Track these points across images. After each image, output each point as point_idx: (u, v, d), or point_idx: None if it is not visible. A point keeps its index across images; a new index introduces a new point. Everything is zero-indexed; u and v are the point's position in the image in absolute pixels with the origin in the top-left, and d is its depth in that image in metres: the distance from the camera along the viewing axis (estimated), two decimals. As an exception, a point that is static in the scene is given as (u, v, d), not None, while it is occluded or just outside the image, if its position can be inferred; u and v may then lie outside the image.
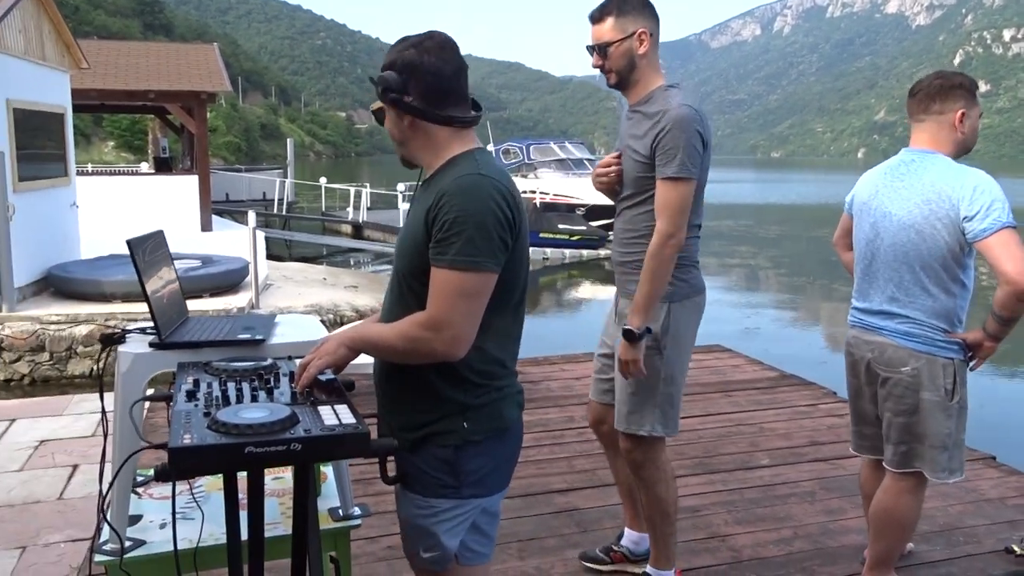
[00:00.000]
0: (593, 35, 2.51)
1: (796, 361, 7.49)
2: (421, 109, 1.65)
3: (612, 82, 2.54)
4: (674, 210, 2.41)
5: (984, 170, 2.49)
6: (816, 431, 4.55)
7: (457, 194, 1.56)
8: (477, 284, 1.56)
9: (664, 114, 2.41)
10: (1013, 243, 2.36)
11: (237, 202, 22.86)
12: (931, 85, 2.63)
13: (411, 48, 1.65)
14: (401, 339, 1.59)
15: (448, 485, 1.65)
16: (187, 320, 2.18)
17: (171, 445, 1.33)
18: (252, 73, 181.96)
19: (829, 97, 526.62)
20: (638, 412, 2.58)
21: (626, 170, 2.57)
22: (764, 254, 21.30)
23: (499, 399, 1.69)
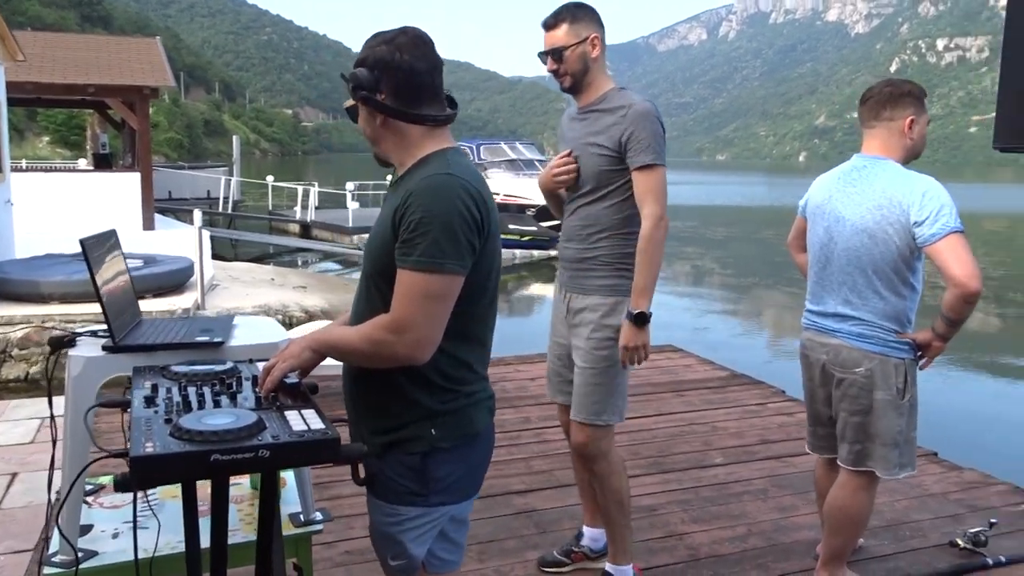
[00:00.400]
0: (547, 41, 2.59)
1: (744, 361, 7.61)
2: (392, 108, 1.62)
3: (567, 85, 2.62)
4: (658, 194, 2.52)
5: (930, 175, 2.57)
6: (767, 429, 4.63)
7: (423, 194, 1.53)
8: (441, 286, 1.53)
9: (630, 108, 2.52)
10: (960, 247, 2.43)
11: (180, 200, 22.36)
12: (882, 93, 2.69)
13: (383, 44, 1.61)
14: (364, 342, 1.56)
15: (415, 493, 1.62)
16: (140, 322, 2.11)
17: (132, 454, 1.28)
18: (195, 68, 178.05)
19: (772, 102, 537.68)
20: (602, 402, 2.64)
21: (587, 167, 2.61)
22: (711, 255, 21.64)
23: (469, 405, 1.66)
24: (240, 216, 22.52)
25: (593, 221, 2.62)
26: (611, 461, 2.72)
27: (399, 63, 1.60)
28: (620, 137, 2.52)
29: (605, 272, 2.63)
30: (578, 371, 2.67)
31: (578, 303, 2.69)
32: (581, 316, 2.67)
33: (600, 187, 2.59)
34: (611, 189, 2.58)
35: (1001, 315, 14.20)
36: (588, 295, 2.66)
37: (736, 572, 3.02)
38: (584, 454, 2.72)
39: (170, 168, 25.43)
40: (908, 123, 2.65)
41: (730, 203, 44.45)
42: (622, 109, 2.53)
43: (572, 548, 3.02)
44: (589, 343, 2.63)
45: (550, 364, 2.89)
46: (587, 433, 2.68)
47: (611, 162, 2.55)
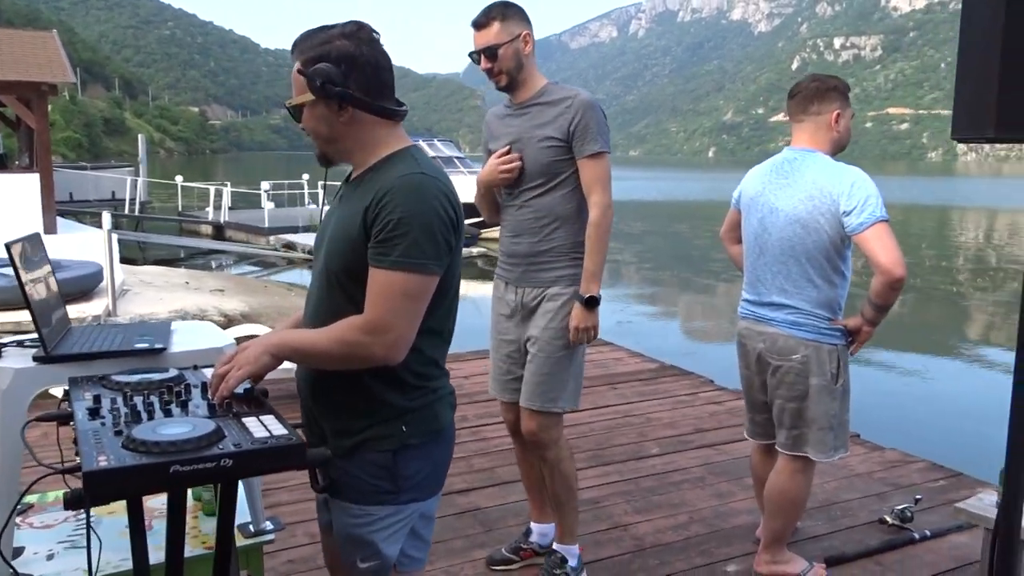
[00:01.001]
0: (479, 40, 2.60)
1: (670, 352, 7.76)
2: (368, 101, 1.57)
3: (503, 83, 2.65)
4: (605, 182, 2.61)
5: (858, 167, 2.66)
6: (699, 419, 4.73)
7: (401, 193, 1.50)
8: (420, 286, 1.51)
9: (574, 99, 2.58)
10: (886, 236, 2.53)
11: (83, 202, 21.38)
12: (808, 88, 2.78)
13: (344, 39, 1.56)
14: (336, 344, 1.51)
15: (386, 491, 1.59)
16: (70, 330, 1.99)
17: (86, 468, 1.20)
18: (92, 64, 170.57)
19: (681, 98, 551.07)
20: (556, 389, 2.67)
21: (535, 160, 2.63)
22: (630, 250, 22.00)
23: (435, 400, 1.65)
24: (149, 218, 21.67)
25: (547, 212, 2.64)
26: (561, 447, 2.77)
27: (367, 57, 1.56)
28: (568, 127, 2.57)
29: (564, 263, 2.66)
30: (532, 360, 2.68)
31: (534, 296, 2.70)
32: (539, 308, 2.69)
33: (551, 178, 2.62)
34: (562, 179, 2.62)
35: (902, 301, 14.93)
36: (546, 287, 2.68)
37: (681, 559, 3.07)
38: (535, 441, 2.74)
39: (71, 169, 24.24)
40: (834, 117, 2.74)
41: (645, 198, 45.33)
42: (567, 100, 2.59)
43: (521, 545, 3.02)
44: (547, 332, 2.65)
45: (498, 364, 2.87)
46: (539, 421, 2.70)
47: (560, 152, 2.60)
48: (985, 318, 12.90)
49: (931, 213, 33.67)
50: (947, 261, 19.21)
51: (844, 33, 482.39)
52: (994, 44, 1.14)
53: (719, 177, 77.63)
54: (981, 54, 1.17)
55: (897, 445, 4.37)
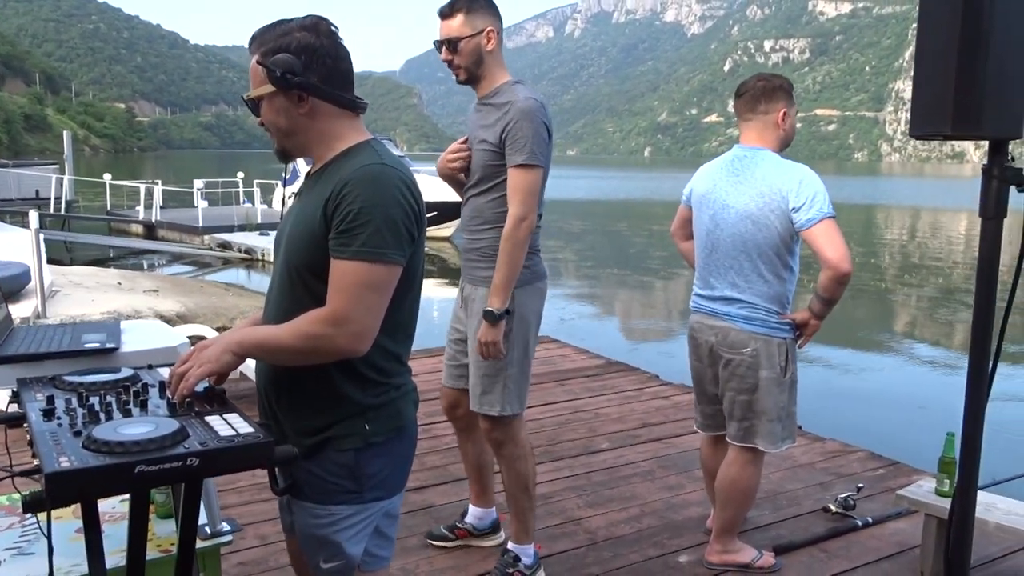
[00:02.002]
0: (442, 30, 2.57)
1: (615, 348, 7.85)
2: (331, 92, 1.56)
3: (462, 78, 2.62)
4: (525, 194, 2.52)
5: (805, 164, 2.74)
6: (647, 413, 4.79)
7: (360, 183, 1.48)
8: (383, 277, 1.49)
9: (512, 105, 2.52)
10: (834, 232, 2.60)
11: (6, 201, 20.55)
12: (755, 87, 2.84)
13: (303, 31, 1.55)
14: (299, 338, 1.48)
15: (349, 491, 1.57)
16: (13, 330, 1.92)
17: (47, 470, 1.15)
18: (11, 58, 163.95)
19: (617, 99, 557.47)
20: (490, 393, 2.67)
21: (475, 159, 2.64)
22: (570, 248, 22.17)
23: (398, 397, 1.63)
24: (76, 217, 20.92)
25: (478, 213, 2.66)
26: (519, 445, 2.77)
27: (327, 49, 1.55)
28: (501, 133, 2.53)
29: (488, 264, 2.63)
30: (474, 364, 2.69)
31: (469, 292, 2.74)
32: (473, 307, 2.70)
33: (485, 180, 2.62)
34: (494, 183, 2.60)
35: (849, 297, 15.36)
36: (476, 286, 2.70)
37: (635, 551, 3.10)
38: (489, 440, 2.79)
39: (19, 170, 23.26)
40: (781, 115, 2.81)
41: (584, 197, 45.73)
42: (506, 104, 2.54)
43: (456, 524, 3.10)
44: (475, 339, 2.63)
45: (447, 348, 2.91)
46: (488, 423, 2.73)
47: (494, 157, 2.57)
48: (912, 313, 13.39)
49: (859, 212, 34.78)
50: (875, 258, 19.88)
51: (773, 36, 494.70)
52: (951, 45, 1.18)
53: (656, 176, 78.73)
54: (938, 55, 1.22)
55: (837, 436, 4.51)
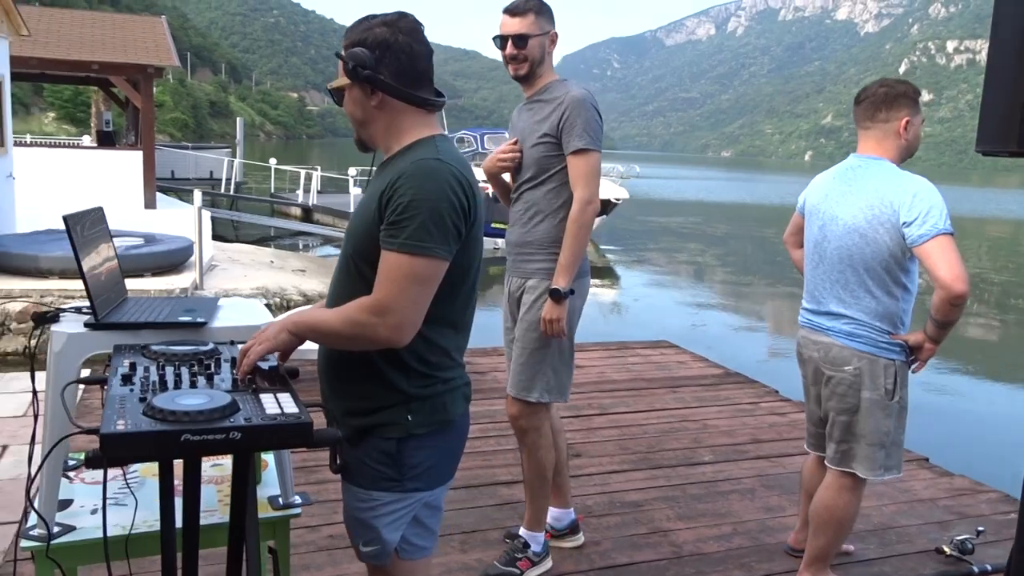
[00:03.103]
0: (510, 26, 2.68)
1: (740, 359, 7.61)
2: (397, 87, 1.61)
3: (524, 72, 2.71)
4: (589, 178, 2.65)
5: (925, 178, 2.55)
6: (758, 429, 4.62)
7: (413, 177, 1.53)
8: (426, 270, 1.53)
9: (566, 95, 2.66)
10: (949, 249, 2.40)
11: (183, 180, 22.32)
12: (876, 94, 2.68)
13: (383, 26, 1.61)
14: (345, 324, 1.55)
15: (390, 478, 1.62)
16: (126, 300, 2.10)
17: (103, 431, 1.27)
18: (202, 49, 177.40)
19: (779, 99, 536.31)
20: (530, 379, 2.74)
21: (528, 156, 2.74)
22: (711, 252, 21.61)
23: (445, 391, 1.66)
24: (242, 198, 22.47)
25: (533, 205, 2.74)
26: (542, 435, 2.82)
27: (402, 45, 1.60)
28: (558, 123, 2.64)
29: (543, 255, 2.73)
30: (516, 348, 2.78)
31: (518, 285, 2.81)
32: (522, 298, 2.78)
33: (540, 172, 2.71)
34: (551, 174, 2.70)
35: (1002, 320, 14.18)
36: (528, 277, 2.77)
37: (719, 571, 3.01)
38: (516, 427, 2.84)
39: (174, 148, 25.36)
40: (903, 124, 2.63)
41: (733, 200, 44.36)
42: (559, 96, 2.67)
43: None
44: (522, 324, 2.74)
45: (505, 348, 2.96)
46: (518, 407, 2.79)
47: (550, 148, 2.68)
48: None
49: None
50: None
51: (958, 36, 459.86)
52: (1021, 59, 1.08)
53: (814, 182, 74.97)
54: (1009, 68, 1.11)
55: (968, 472, 4.17)
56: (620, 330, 11.05)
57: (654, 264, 19.23)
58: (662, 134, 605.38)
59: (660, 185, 55.23)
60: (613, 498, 3.61)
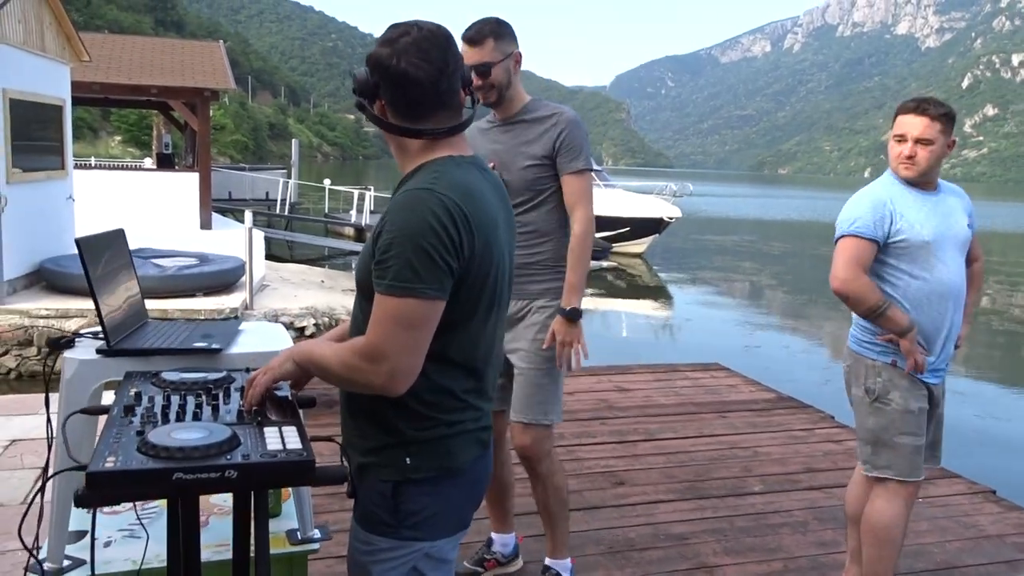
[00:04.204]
0: (471, 56, 2.58)
1: (795, 382, 7.35)
2: (386, 121, 1.50)
3: (494, 99, 2.63)
4: (588, 197, 2.64)
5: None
6: (812, 457, 4.40)
7: (395, 211, 1.41)
8: (416, 312, 1.38)
9: (560, 115, 2.63)
10: (838, 251, 2.56)
11: (240, 201, 22.75)
12: None
13: (385, 45, 1.47)
14: (340, 365, 1.44)
15: (385, 523, 1.49)
16: (145, 324, 2.05)
17: (89, 469, 1.20)
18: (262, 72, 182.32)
19: (837, 116, 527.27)
20: (547, 402, 2.69)
21: (520, 176, 2.65)
22: (767, 271, 21.16)
23: (449, 435, 1.51)
24: (297, 218, 22.81)
25: (532, 227, 2.67)
26: (553, 460, 2.79)
27: (395, 72, 1.46)
28: (553, 144, 2.60)
29: (548, 275, 2.69)
30: (521, 373, 2.69)
31: (519, 307, 2.71)
32: (525, 320, 2.70)
33: (536, 195, 2.66)
34: (546, 195, 2.66)
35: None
36: (533, 299, 2.70)
37: (768, 611, 2.84)
38: (528, 456, 2.74)
39: (231, 169, 25.90)
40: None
41: (790, 218, 43.52)
42: (551, 117, 2.63)
43: (484, 556, 3.02)
44: (534, 344, 2.66)
45: None
46: (533, 434, 2.70)
47: (543, 170, 2.63)
48: None
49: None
50: None
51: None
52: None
53: (874, 199, 73.13)
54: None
55: (1041, 507, 3.90)
56: (670, 352, 10.83)
57: (708, 283, 18.90)
58: (717, 152, 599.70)
59: (715, 203, 54.57)
60: (657, 530, 3.45)
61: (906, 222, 2.52)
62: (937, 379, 2.64)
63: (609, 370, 6.17)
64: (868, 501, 2.68)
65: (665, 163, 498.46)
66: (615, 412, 5.07)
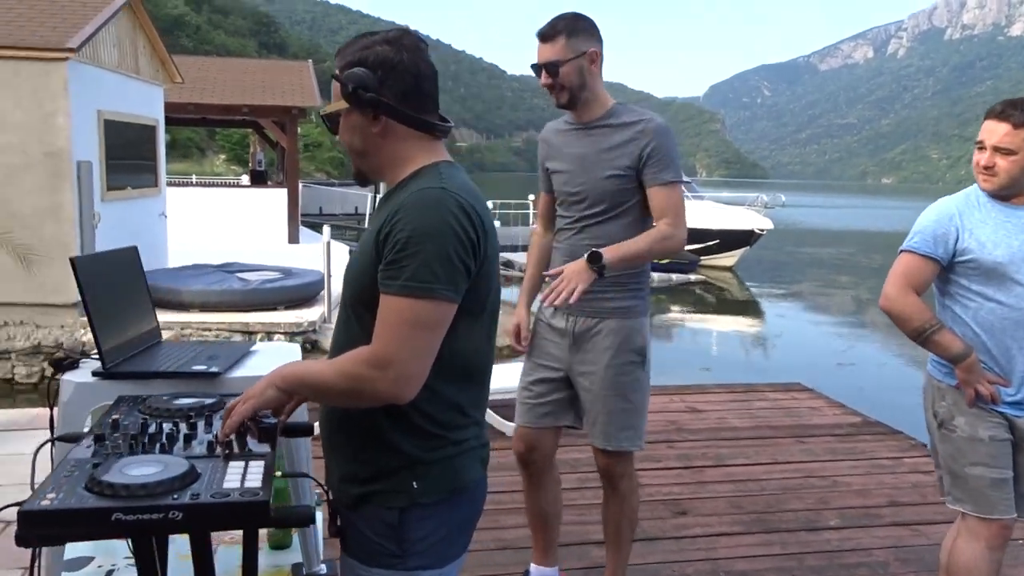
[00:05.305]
0: (542, 53, 2.46)
1: (888, 405, 6.88)
2: (402, 111, 1.42)
3: (564, 101, 2.48)
4: (680, 210, 2.47)
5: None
6: (898, 489, 4.05)
7: (413, 209, 1.32)
8: (431, 314, 1.31)
9: (648, 123, 2.46)
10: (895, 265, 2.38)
11: (329, 216, 23.36)
12: None
13: (385, 44, 1.42)
14: (341, 377, 1.34)
15: (392, 554, 1.39)
16: (156, 346, 2.00)
17: (24, 508, 1.11)
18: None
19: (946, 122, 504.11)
20: (630, 428, 2.58)
21: (598, 185, 2.49)
22: (865, 284, 20.18)
23: (456, 455, 1.42)
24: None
25: (607, 240, 2.46)
26: (633, 478, 2.71)
27: (407, 65, 1.41)
28: (639, 152, 2.44)
29: (620, 293, 2.53)
30: (596, 398, 2.56)
31: (588, 326, 2.55)
32: (595, 341, 2.54)
33: (614, 206, 2.49)
34: (627, 207, 2.49)
35: None
36: (602, 318, 2.53)
37: (835, 664, 2.57)
38: (611, 474, 2.66)
39: (321, 185, 26.64)
40: None
41: (894, 229, 41.62)
42: (638, 124, 2.46)
43: None
44: (611, 370, 2.52)
45: (529, 388, 2.67)
46: (614, 458, 2.62)
47: (625, 181, 2.46)
48: None
49: None
50: None
51: None
52: None
53: (986, 209, 69.34)
54: None
55: None
56: (754, 370, 10.40)
57: (801, 298, 18.18)
58: (816, 162, 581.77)
59: (812, 214, 52.78)
60: (718, 566, 3.21)
61: (975, 240, 2.27)
62: (1020, 412, 2.35)
63: (682, 389, 5.90)
64: (952, 535, 2.46)
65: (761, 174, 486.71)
66: (684, 435, 4.82)
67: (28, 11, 8.51)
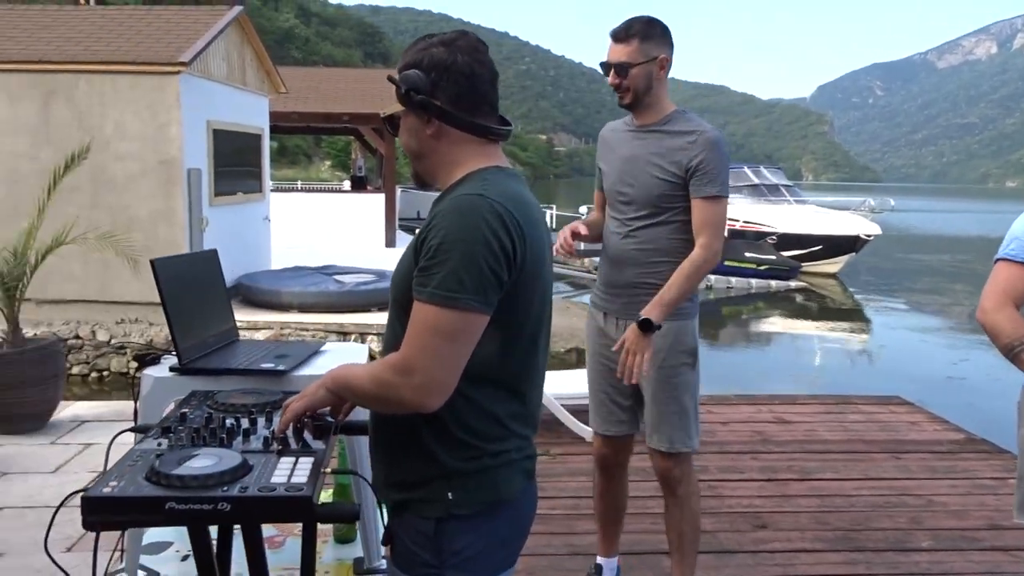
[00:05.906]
0: (613, 53, 2.50)
1: (999, 423, 6.48)
2: (454, 114, 1.43)
3: (628, 101, 2.54)
4: (718, 227, 2.50)
5: None
6: (999, 512, 3.81)
7: (447, 215, 1.33)
8: (456, 324, 1.30)
9: (701, 135, 2.47)
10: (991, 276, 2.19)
11: (410, 219, 23.80)
12: None
13: (440, 46, 1.44)
14: (373, 382, 1.37)
15: (427, 563, 1.40)
16: (233, 343, 2.10)
17: (87, 493, 1.20)
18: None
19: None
20: (684, 430, 2.61)
21: (645, 188, 2.53)
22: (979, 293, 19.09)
23: (495, 466, 1.41)
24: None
25: (653, 245, 2.55)
26: (692, 482, 2.70)
27: (460, 66, 1.42)
28: (688, 163, 2.46)
29: None
30: (652, 400, 2.61)
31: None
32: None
33: (661, 211, 2.53)
34: (672, 213, 2.53)
35: None
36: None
37: None
38: (668, 477, 2.68)
39: (420, 191, 27.15)
40: None
41: (1015, 236, 39.09)
42: (691, 134, 2.48)
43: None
44: (663, 372, 2.56)
45: (599, 395, 2.75)
46: (672, 460, 2.64)
47: (672, 187, 2.50)
48: None
49: None
50: None
51: None
52: None
53: (1123, 214, 64.42)
54: None
55: None
56: (852, 381, 9.98)
57: (910, 307, 17.34)
58: (932, 164, 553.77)
59: (927, 219, 50.26)
60: (797, 583, 3.11)
61: None
62: None
63: (771, 399, 5.74)
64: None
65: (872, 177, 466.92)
66: (770, 446, 4.68)
67: (146, 28, 9.07)
